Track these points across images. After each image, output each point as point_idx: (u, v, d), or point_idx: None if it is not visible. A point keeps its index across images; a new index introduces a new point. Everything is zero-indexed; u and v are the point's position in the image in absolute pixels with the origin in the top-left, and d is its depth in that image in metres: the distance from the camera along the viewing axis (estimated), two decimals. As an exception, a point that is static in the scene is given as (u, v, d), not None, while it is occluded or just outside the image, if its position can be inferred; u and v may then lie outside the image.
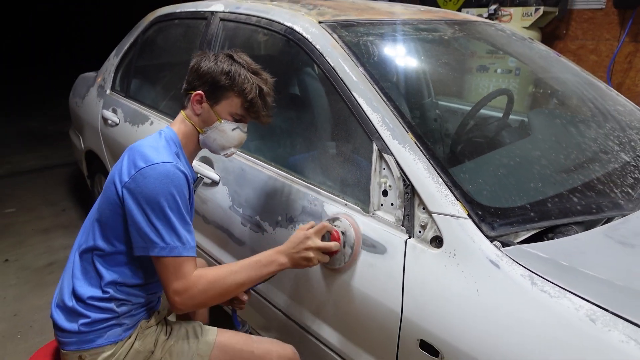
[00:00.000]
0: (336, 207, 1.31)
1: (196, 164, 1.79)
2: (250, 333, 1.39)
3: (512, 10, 4.16)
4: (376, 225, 1.21)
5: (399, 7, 1.90)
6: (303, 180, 1.44)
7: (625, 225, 1.13)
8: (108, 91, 2.60)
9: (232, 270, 1.16)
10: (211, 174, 1.72)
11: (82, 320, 1.18)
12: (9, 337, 2.19)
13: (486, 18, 4.09)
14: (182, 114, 1.30)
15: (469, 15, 2.25)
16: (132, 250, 1.15)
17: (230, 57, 1.25)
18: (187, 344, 1.29)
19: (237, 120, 1.26)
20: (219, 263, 1.74)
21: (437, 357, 1.05)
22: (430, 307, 1.06)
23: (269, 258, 1.18)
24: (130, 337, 1.24)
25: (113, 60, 2.66)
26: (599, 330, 0.85)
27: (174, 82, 2.25)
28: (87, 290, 1.19)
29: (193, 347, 1.29)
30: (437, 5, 5.46)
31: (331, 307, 1.30)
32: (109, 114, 2.46)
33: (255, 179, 1.57)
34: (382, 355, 1.19)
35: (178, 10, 2.27)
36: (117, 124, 2.40)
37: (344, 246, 1.21)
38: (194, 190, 1.32)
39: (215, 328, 1.36)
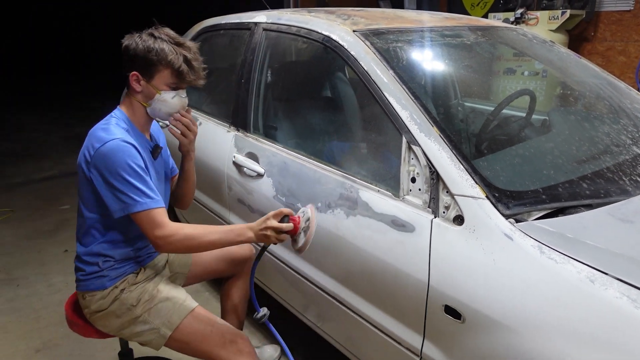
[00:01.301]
0: (369, 194, 1.49)
1: (242, 159, 2.00)
2: (268, 318, 1.60)
3: (538, 13, 4.25)
4: (405, 207, 1.39)
5: (425, 15, 2.07)
6: (340, 171, 1.62)
7: (627, 205, 1.27)
8: (158, 96, 2.85)
9: (208, 231, 1.39)
10: (256, 167, 1.93)
11: (79, 272, 1.50)
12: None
13: (512, 22, 4.20)
14: (126, 93, 1.51)
15: (492, 20, 2.40)
16: (109, 216, 1.39)
17: (152, 35, 1.43)
18: (165, 308, 1.50)
19: (173, 88, 1.45)
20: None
21: (459, 319, 1.21)
22: (453, 276, 1.23)
23: (240, 230, 1.40)
24: (116, 287, 1.49)
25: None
26: (597, 289, 1.00)
27: (219, 87, 2.48)
28: (81, 249, 1.50)
29: (169, 313, 1.49)
30: (464, 10, 5.59)
31: (364, 281, 1.48)
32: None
33: (297, 171, 1.77)
34: (410, 321, 1.36)
35: (223, 22, 2.50)
36: (166, 126, 2.64)
37: (301, 231, 1.40)
38: (155, 157, 1.55)
39: (197, 303, 1.55)
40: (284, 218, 1.40)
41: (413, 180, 1.39)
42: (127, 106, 1.49)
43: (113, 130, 1.39)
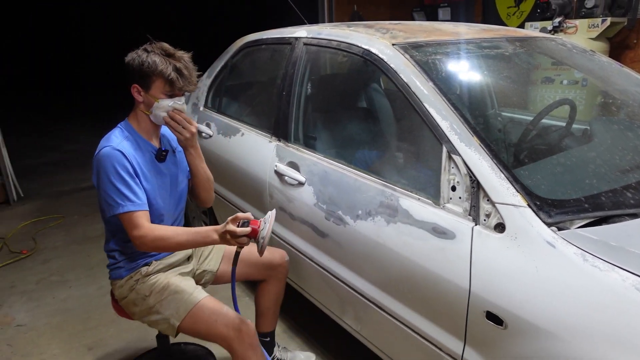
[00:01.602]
0: (410, 201, 1.53)
1: (284, 168, 2.08)
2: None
3: (577, 22, 4.19)
4: (446, 215, 1.42)
5: (463, 28, 2.11)
6: (379, 179, 1.67)
7: (673, 215, 1.26)
8: (202, 108, 2.98)
9: (177, 233, 1.52)
10: (298, 176, 2.00)
11: (107, 264, 1.75)
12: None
13: (550, 31, 4.16)
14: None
15: (530, 31, 2.40)
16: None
17: (145, 49, 1.57)
18: (174, 300, 1.63)
19: (169, 95, 1.58)
20: (304, 256, 2.00)
21: (501, 325, 1.23)
22: (494, 282, 1.25)
23: (206, 233, 1.50)
24: (131, 277, 1.68)
25: (205, 81, 3.05)
26: (642, 297, 1.01)
27: (260, 99, 2.58)
28: (105, 245, 1.74)
29: (177, 305, 1.62)
30: (499, 20, 5.55)
31: (405, 287, 1.52)
32: (203, 127, 2.84)
33: (337, 180, 1.82)
34: (451, 327, 1.39)
35: (265, 37, 2.61)
36: (210, 136, 2.76)
37: (260, 236, 1.47)
38: (160, 160, 1.68)
39: (205, 295, 1.66)
40: (244, 223, 1.48)
41: (453, 188, 1.42)
42: (133, 116, 1.67)
43: (111, 138, 1.58)
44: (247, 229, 1.47)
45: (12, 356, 2.31)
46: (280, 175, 2.11)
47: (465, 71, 1.82)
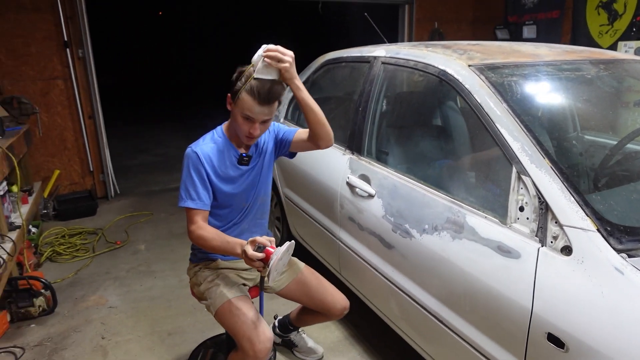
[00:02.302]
0: (476, 219, 1.57)
1: (356, 180, 2.18)
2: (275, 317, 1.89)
3: (678, 42, 3.91)
4: (512, 234, 1.44)
5: (543, 49, 2.09)
6: (447, 196, 1.72)
7: None
8: (282, 120, 3.18)
9: (214, 238, 1.65)
10: (368, 188, 2.09)
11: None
12: (199, 308, 2.81)
13: (646, 51, 3.92)
14: None
15: (619, 53, 2.32)
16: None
17: (241, 70, 1.64)
18: (213, 293, 1.80)
19: (246, 118, 1.64)
20: (370, 265, 2.08)
21: (562, 348, 1.23)
22: (558, 305, 1.26)
23: (233, 246, 1.61)
24: (197, 265, 1.91)
25: (287, 95, 3.25)
26: None
27: (338, 113, 2.71)
28: None
29: (214, 297, 1.79)
30: (590, 38, 5.29)
31: (467, 302, 1.55)
32: (282, 138, 3.02)
33: (406, 194, 1.89)
34: (511, 346, 1.40)
35: (345, 55, 2.74)
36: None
37: (270, 263, 1.50)
38: (242, 164, 1.79)
39: (237, 294, 1.77)
40: (259, 248, 1.55)
41: (521, 209, 1.44)
42: (227, 124, 1.81)
43: (198, 141, 1.76)
44: (260, 255, 1.52)
45: (105, 333, 2.60)
46: (351, 187, 2.22)
47: (542, 93, 1.82)
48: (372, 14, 3.66)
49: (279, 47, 1.60)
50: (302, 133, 1.89)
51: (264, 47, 1.60)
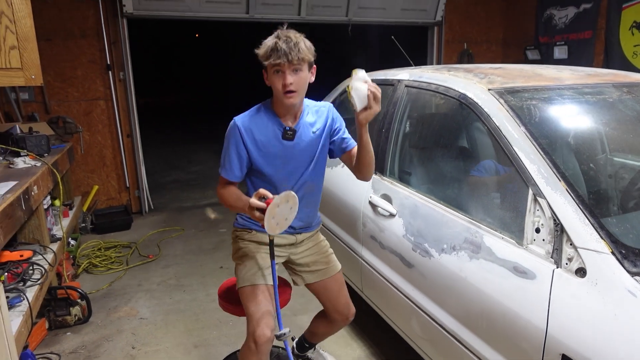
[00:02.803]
0: (493, 240, 1.59)
1: (378, 199, 2.23)
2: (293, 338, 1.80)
3: None
4: (528, 255, 1.46)
5: (566, 73, 2.11)
6: (466, 216, 1.75)
7: None
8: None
9: (230, 195, 1.78)
10: (389, 207, 2.14)
11: None
12: (224, 322, 2.88)
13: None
14: None
15: (645, 76, 2.30)
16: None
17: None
18: (241, 270, 1.89)
19: (277, 71, 1.66)
20: (392, 284, 2.11)
21: (577, 370, 1.24)
22: (572, 326, 1.27)
23: (244, 202, 1.70)
24: (237, 229, 1.98)
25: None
26: None
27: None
28: None
29: (240, 275, 1.88)
30: (624, 59, 5.20)
31: (483, 322, 1.56)
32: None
33: (426, 214, 1.93)
34: (527, 367, 1.41)
35: (371, 78, 2.82)
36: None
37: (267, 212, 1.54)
38: (287, 139, 1.77)
39: (260, 282, 1.83)
40: (261, 198, 1.60)
41: (537, 230, 1.46)
42: (272, 97, 1.81)
43: (245, 112, 1.81)
44: (260, 203, 1.58)
45: (135, 343, 2.71)
46: (374, 206, 2.27)
47: (562, 117, 1.83)
48: (401, 35, 3.74)
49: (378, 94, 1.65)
50: (353, 153, 1.87)
51: (365, 75, 1.66)
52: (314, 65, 1.77)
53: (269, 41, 1.67)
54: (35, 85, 2.97)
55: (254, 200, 1.60)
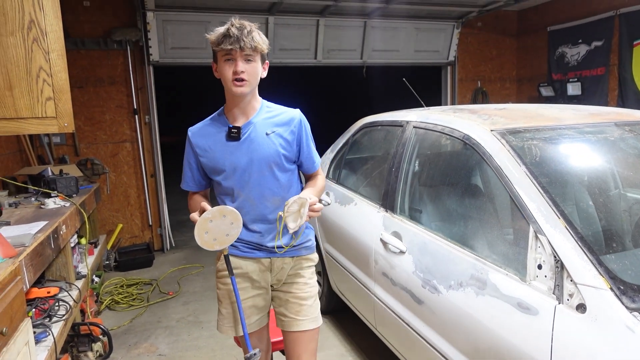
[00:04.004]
0: (498, 276, 1.63)
1: (388, 237, 2.29)
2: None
3: None
4: (531, 292, 1.50)
5: (568, 112, 2.18)
6: (472, 253, 1.80)
7: None
8: (323, 179, 3.38)
9: (192, 206, 1.73)
10: (400, 245, 2.19)
11: None
12: (240, 358, 2.92)
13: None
14: None
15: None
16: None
17: None
18: (218, 317, 1.87)
19: (228, 59, 1.58)
20: (403, 321, 2.14)
21: (581, 406, 1.26)
22: (575, 362, 1.29)
23: (199, 208, 1.61)
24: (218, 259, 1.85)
25: (329, 155, 3.47)
26: None
27: (374, 173, 2.88)
28: None
29: (219, 319, 1.87)
30: (639, 96, 5.22)
31: (491, 358, 1.58)
32: (323, 196, 3.21)
33: (434, 251, 1.98)
34: (534, 404, 1.42)
35: (380, 119, 2.95)
36: (329, 204, 3.11)
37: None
38: (231, 139, 1.66)
39: (233, 333, 1.83)
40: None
41: (539, 266, 1.51)
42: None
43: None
44: (196, 218, 1.54)
45: (153, 380, 2.76)
46: (385, 243, 2.33)
47: (561, 156, 1.89)
48: (416, 74, 3.87)
49: (315, 207, 1.60)
50: (307, 177, 1.87)
51: (305, 200, 1.57)
52: (267, 61, 1.70)
53: (221, 28, 1.58)
54: (67, 131, 3.20)
55: (192, 215, 1.58)
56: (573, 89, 5.71)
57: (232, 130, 1.65)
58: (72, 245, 3.06)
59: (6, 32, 1.98)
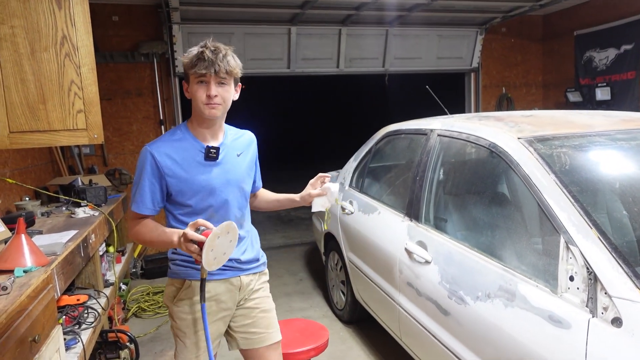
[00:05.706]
0: (528, 288, 1.59)
1: (413, 246, 2.27)
2: None
3: None
4: (563, 304, 1.45)
5: (598, 119, 2.13)
6: (500, 264, 1.76)
7: None
8: (347, 187, 3.37)
9: (151, 229, 1.60)
10: (425, 254, 2.17)
11: None
12: None
13: None
14: None
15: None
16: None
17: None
18: (181, 346, 1.70)
19: (201, 81, 1.56)
20: (429, 332, 2.11)
21: None
22: (610, 378, 1.25)
23: (171, 234, 1.53)
24: (173, 282, 1.71)
25: (352, 164, 3.46)
26: None
27: (397, 181, 2.85)
28: None
29: (181, 355, 1.70)
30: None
31: (522, 373, 1.54)
32: (346, 204, 3.20)
33: (461, 261, 1.95)
34: (568, 421, 1.37)
35: (404, 127, 2.93)
36: (352, 213, 3.10)
37: (205, 247, 1.38)
38: (209, 159, 1.63)
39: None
40: (199, 229, 1.44)
41: (571, 278, 1.46)
42: (191, 118, 1.69)
43: (157, 139, 1.66)
44: (199, 236, 1.41)
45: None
46: (409, 252, 2.30)
47: (593, 164, 1.84)
48: (439, 80, 3.84)
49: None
50: (255, 195, 1.97)
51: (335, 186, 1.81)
52: (240, 83, 1.69)
53: (195, 49, 1.55)
54: (96, 142, 3.29)
55: (190, 232, 1.43)
56: (602, 93, 5.57)
57: (211, 150, 1.63)
58: (101, 253, 3.13)
59: (40, 48, 2.05)
